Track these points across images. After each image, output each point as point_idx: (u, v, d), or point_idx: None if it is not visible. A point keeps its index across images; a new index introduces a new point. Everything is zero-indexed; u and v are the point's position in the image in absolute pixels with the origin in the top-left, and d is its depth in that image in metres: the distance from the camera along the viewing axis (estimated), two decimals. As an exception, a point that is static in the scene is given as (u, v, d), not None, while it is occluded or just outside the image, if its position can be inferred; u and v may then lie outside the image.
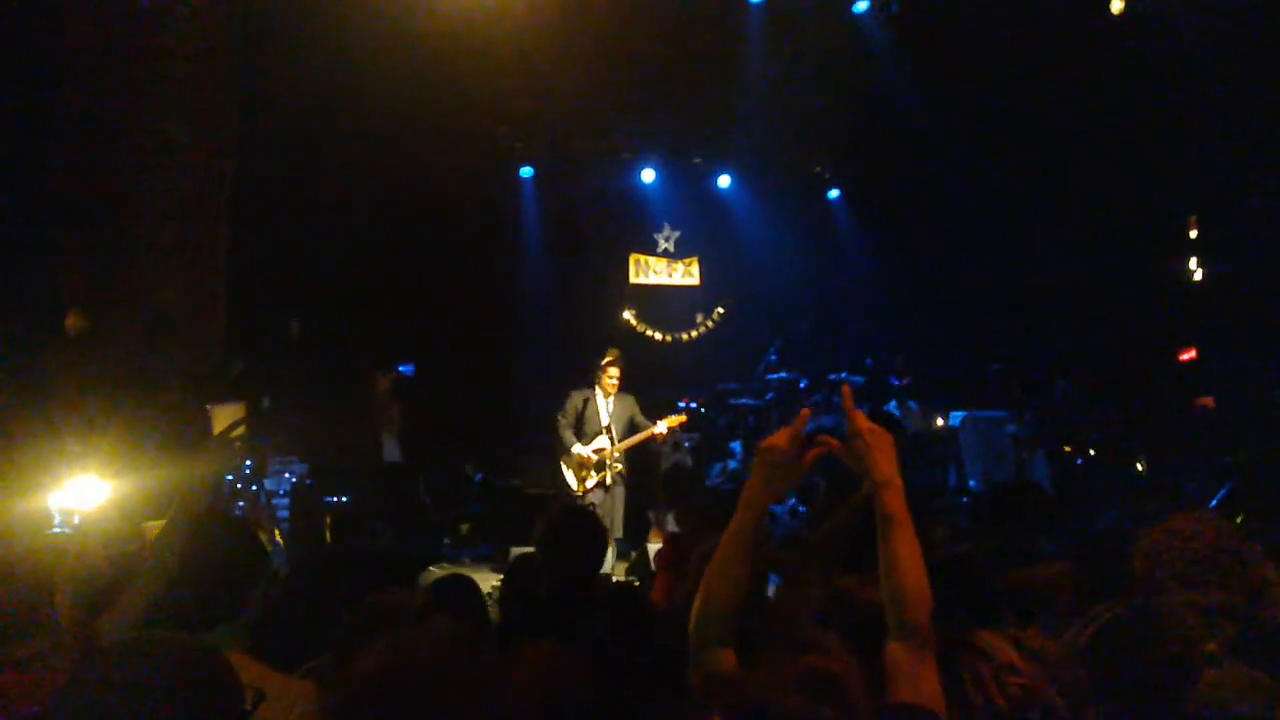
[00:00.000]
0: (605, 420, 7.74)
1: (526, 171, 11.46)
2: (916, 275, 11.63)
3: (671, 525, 8.57)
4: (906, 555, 1.82)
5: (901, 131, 11.13)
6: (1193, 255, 10.57)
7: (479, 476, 9.45)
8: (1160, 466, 8.91)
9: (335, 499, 8.13)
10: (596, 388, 7.81)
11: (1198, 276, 10.52)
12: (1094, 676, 1.36)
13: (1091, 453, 9.33)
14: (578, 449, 7.64)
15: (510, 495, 9.01)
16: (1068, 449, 9.17)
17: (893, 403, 10.51)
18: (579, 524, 3.53)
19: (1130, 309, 10.47)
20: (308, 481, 8.11)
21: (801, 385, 10.68)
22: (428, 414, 9.66)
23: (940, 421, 10.58)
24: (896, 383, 10.61)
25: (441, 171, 10.33)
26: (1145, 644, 1.29)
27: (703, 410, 10.58)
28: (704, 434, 10.43)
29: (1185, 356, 10.35)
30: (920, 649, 1.77)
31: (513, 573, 3.98)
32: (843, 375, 10.87)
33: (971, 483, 9.67)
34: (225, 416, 5.29)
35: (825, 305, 12.03)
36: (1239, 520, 4.67)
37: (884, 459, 1.92)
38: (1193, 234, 10.64)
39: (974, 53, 10.06)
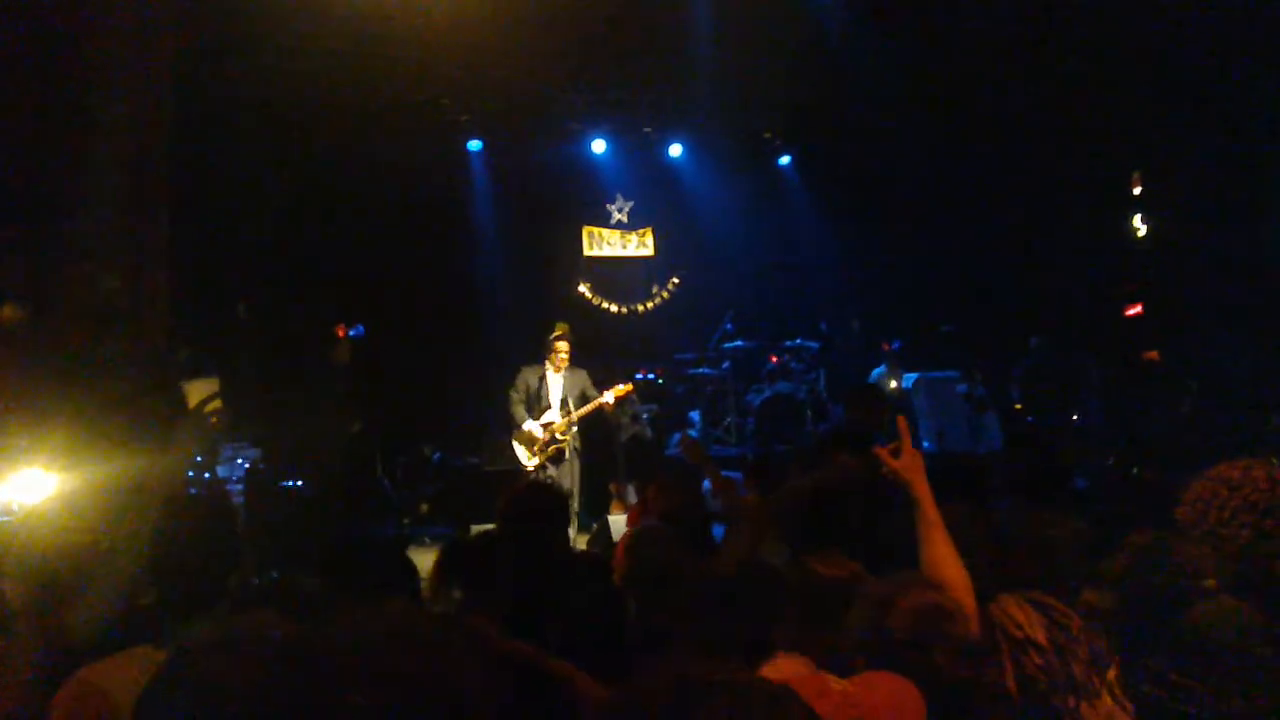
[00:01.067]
0: (558, 395, 7.74)
1: (475, 145, 11.31)
2: (868, 238, 11.71)
3: (632, 497, 8.64)
4: (945, 554, 2.14)
5: (850, 94, 11.14)
6: (1137, 212, 10.75)
7: (437, 456, 9.38)
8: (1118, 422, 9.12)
9: (292, 483, 8.05)
10: (547, 363, 7.80)
11: (1141, 232, 10.71)
12: (1121, 599, 1.46)
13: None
14: (529, 425, 7.62)
15: (469, 474, 8.98)
16: (1018, 406, 9.34)
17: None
18: (543, 497, 3.53)
19: (1078, 266, 10.64)
20: (261, 466, 8.01)
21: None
22: (383, 393, 9.56)
23: (894, 384, 10.71)
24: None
25: (388, 147, 10.16)
26: (1150, 574, 1.38)
27: (660, 381, 10.61)
28: (662, 404, 10.46)
29: (1131, 312, 10.55)
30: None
31: (478, 549, 3.97)
32: (798, 341, 10.97)
33: (926, 444, 9.82)
34: (198, 392, 5.18)
35: (779, 271, 12.08)
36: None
37: (919, 477, 2.26)
38: (1136, 190, 10.81)
39: (919, 16, 10.08)
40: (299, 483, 8.00)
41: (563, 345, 7.77)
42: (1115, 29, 9.77)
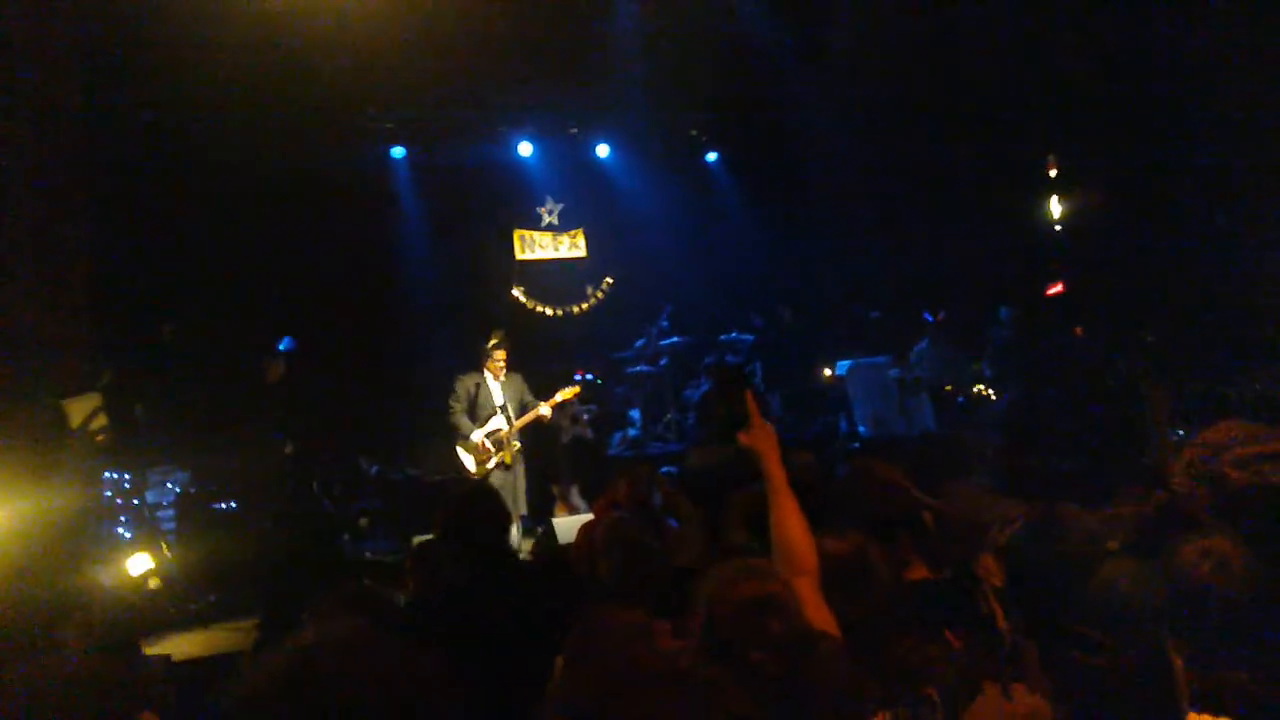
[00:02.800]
0: (499, 401, 7.70)
1: (398, 152, 11.17)
2: (796, 230, 11.86)
3: (575, 498, 8.63)
4: (794, 515, 2.29)
5: (773, 90, 11.28)
6: (1053, 193, 11.07)
7: (374, 469, 9.24)
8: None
9: (224, 505, 7.86)
10: (485, 370, 7.76)
11: (1058, 213, 11.04)
12: (1011, 568, 1.52)
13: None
14: (476, 435, 7.57)
15: (409, 485, 8.87)
16: (948, 388, 9.55)
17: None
18: (479, 503, 3.51)
19: (999, 248, 10.92)
20: (191, 489, 7.81)
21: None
22: (316, 409, 9.39)
23: (828, 372, 10.87)
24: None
25: (311, 157, 10.00)
26: (1055, 541, 1.46)
27: (599, 381, 10.61)
28: (602, 404, 10.47)
29: (1052, 290, 10.86)
30: (815, 585, 2.17)
31: (416, 560, 3.94)
32: (733, 335, 11.07)
33: (861, 428, 9.99)
34: (80, 410, 5.02)
35: (712, 265, 12.17)
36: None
37: (769, 449, 2.42)
38: (1052, 173, 11.13)
39: (839, 11, 10.26)
40: (232, 505, 7.82)
41: (500, 354, 7.75)
42: (1032, 18, 10.05)
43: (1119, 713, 1.30)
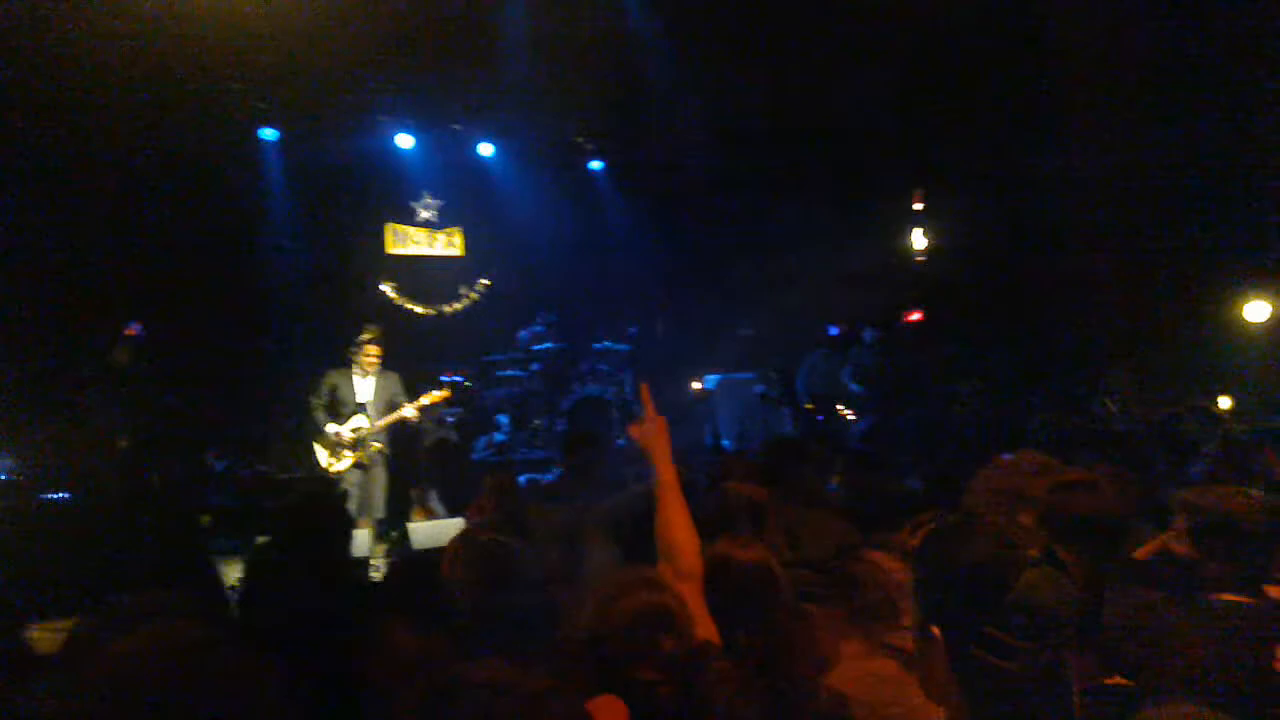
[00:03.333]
0: (362, 399, 7.48)
1: (269, 134, 10.71)
2: (675, 244, 12.00)
3: (435, 503, 8.44)
4: (680, 514, 2.22)
5: (658, 104, 11.38)
6: (916, 226, 11.56)
7: (222, 464, 8.82)
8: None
9: (55, 495, 7.34)
10: (354, 365, 7.53)
11: (920, 245, 11.54)
12: (922, 573, 1.55)
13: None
14: (332, 429, 7.32)
15: (258, 483, 8.49)
16: (809, 406, 9.83)
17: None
18: (317, 504, 3.36)
19: (866, 275, 11.31)
20: (18, 475, 7.27)
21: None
22: (162, 399, 8.90)
23: (697, 385, 11.04)
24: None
25: (172, 134, 9.47)
26: (975, 546, 1.49)
27: (468, 384, 10.43)
28: (469, 408, 10.29)
29: (912, 318, 11.33)
30: (699, 591, 2.12)
31: (254, 562, 3.77)
32: (606, 344, 11.09)
33: (725, 441, 10.18)
34: None
35: (590, 274, 12.17)
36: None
37: (658, 443, 2.34)
38: (917, 206, 11.63)
39: (725, 30, 10.43)
40: (64, 495, 7.31)
41: (373, 349, 7.52)
42: (899, 50, 10.48)
43: (1022, 715, 1.37)
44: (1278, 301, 9.48)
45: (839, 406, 9.96)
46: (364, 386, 7.52)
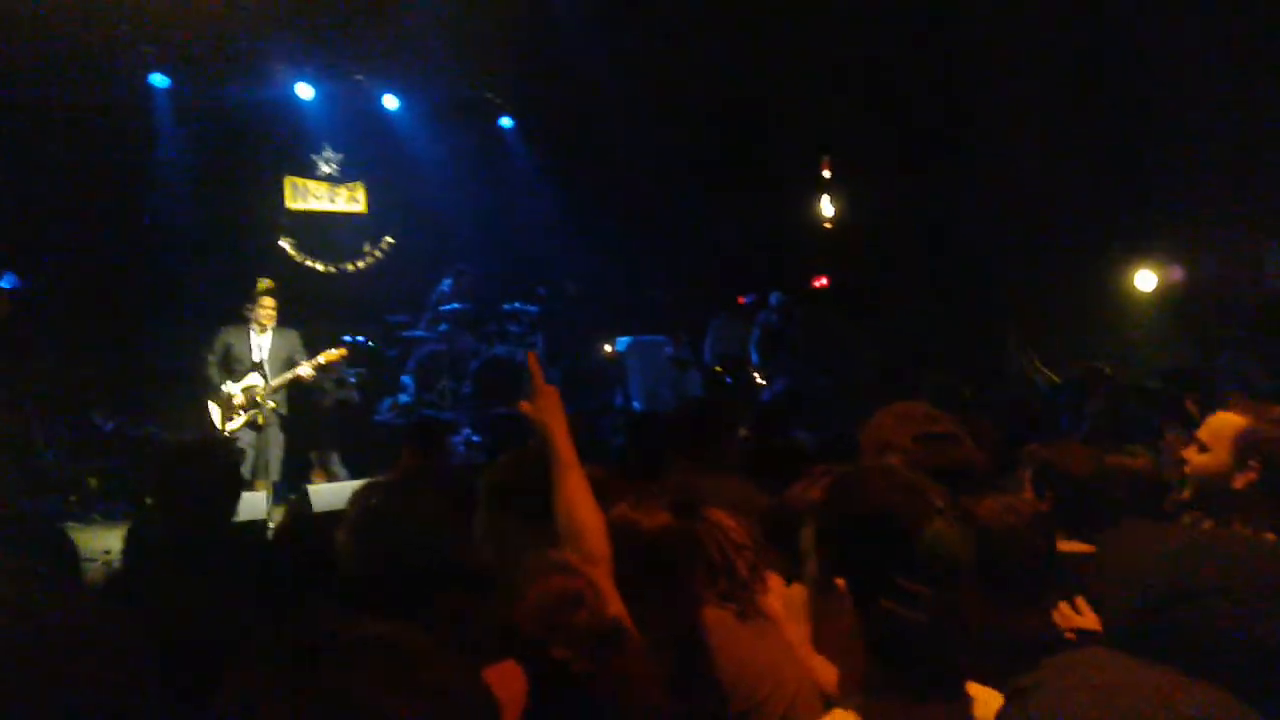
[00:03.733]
0: (258, 356, 7.22)
1: (160, 80, 10.13)
2: (585, 203, 11.87)
3: (336, 465, 8.24)
4: (584, 495, 2.06)
5: (570, 61, 11.17)
6: (824, 193, 11.68)
7: (109, 424, 8.42)
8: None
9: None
10: (250, 322, 7.25)
11: (828, 212, 11.67)
12: (825, 525, 1.50)
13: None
14: (227, 387, 7.05)
15: (148, 443, 8.14)
16: (718, 369, 9.90)
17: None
18: (195, 463, 3.19)
19: (773, 241, 11.42)
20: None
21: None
22: (45, 355, 8.42)
23: (609, 348, 11.00)
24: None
25: (53, 78, 8.88)
26: (883, 495, 1.45)
27: (370, 344, 10.17)
28: (372, 368, 10.03)
29: (818, 284, 11.49)
30: (609, 576, 1.96)
31: (133, 529, 3.60)
32: (516, 305, 10.93)
33: (636, 403, 10.18)
34: None
35: (499, 233, 11.95)
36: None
37: (554, 418, 2.14)
38: (825, 174, 11.75)
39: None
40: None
41: (268, 301, 7.28)
42: (812, 22, 10.51)
43: (925, 664, 1.36)
44: (1163, 271, 9.92)
45: (748, 370, 10.06)
46: (260, 343, 7.26)
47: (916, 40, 10.52)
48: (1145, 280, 10.00)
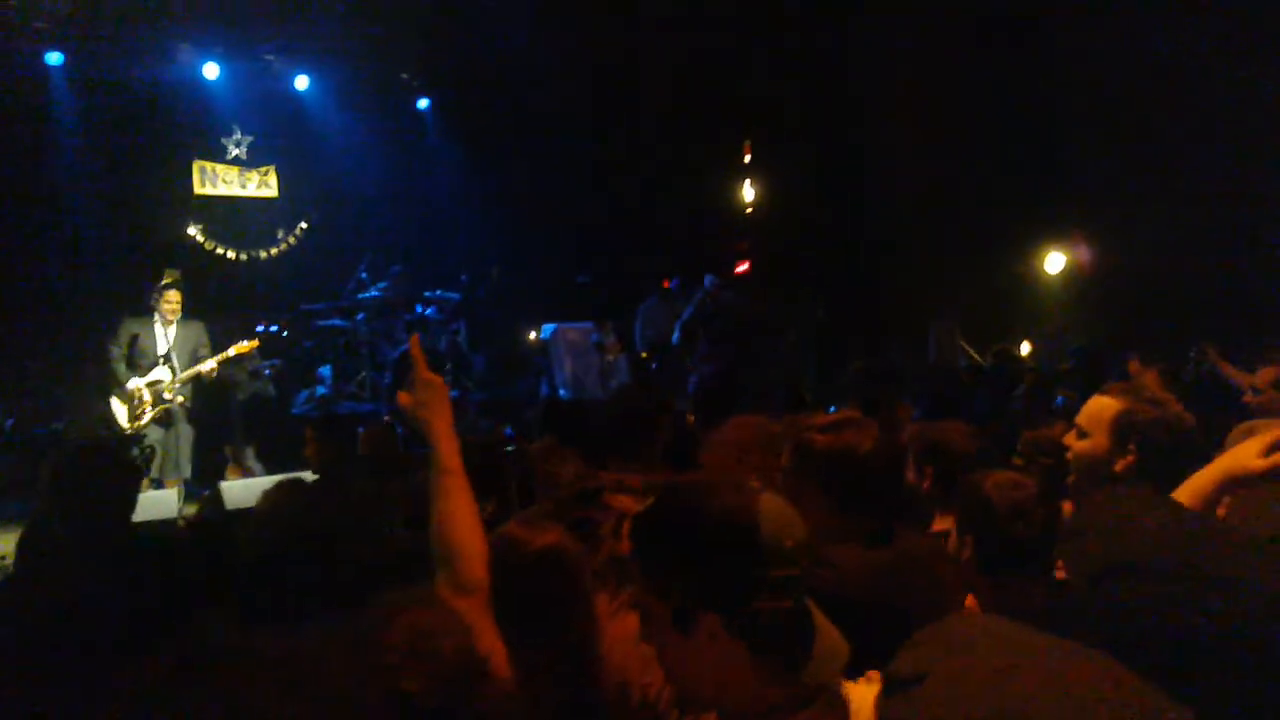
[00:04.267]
0: (163, 349, 6.94)
1: (55, 58, 9.63)
2: (508, 188, 11.70)
3: (251, 460, 8.00)
4: (465, 511, 1.79)
5: (490, 41, 10.98)
6: (745, 178, 11.72)
7: (9, 421, 8.03)
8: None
9: None
10: (155, 314, 6.98)
11: (749, 196, 11.72)
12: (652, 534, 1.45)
13: None
14: (132, 383, 6.77)
15: (50, 442, 7.78)
16: (644, 355, 9.88)
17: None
18: (93, 461, 3.04)
19: (698, 228, 11.42)
20: None
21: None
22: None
23: (534, 335, 10.88)
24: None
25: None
26: (714, 497, 1.42)
27: (285, 334, 9.87)
28: (287, 360, 9.75)
29: (739, 269, 11.54)
30: (484, 606, 1.75)
31: (32, 527, 3.43)
32: (438, 292, 10.73)
33: (562, 391, 10.10)
34: None
35: (419, 219, 11.70)
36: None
37: (437, 415, 1.84)
38: (746, 158, 11.78)
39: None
40: None
41: (173, 294, 7.01)
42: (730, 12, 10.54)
43: (791, 654, 1.34)
44: (1072, 253, 10.23)
45: (677, 356, 10.05)
46: (166, 336, 6.99)
47: (835, 23, 10.63)
48: (1054, 263, 10.31)
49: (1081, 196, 9.74)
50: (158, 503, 5.48)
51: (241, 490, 5.39)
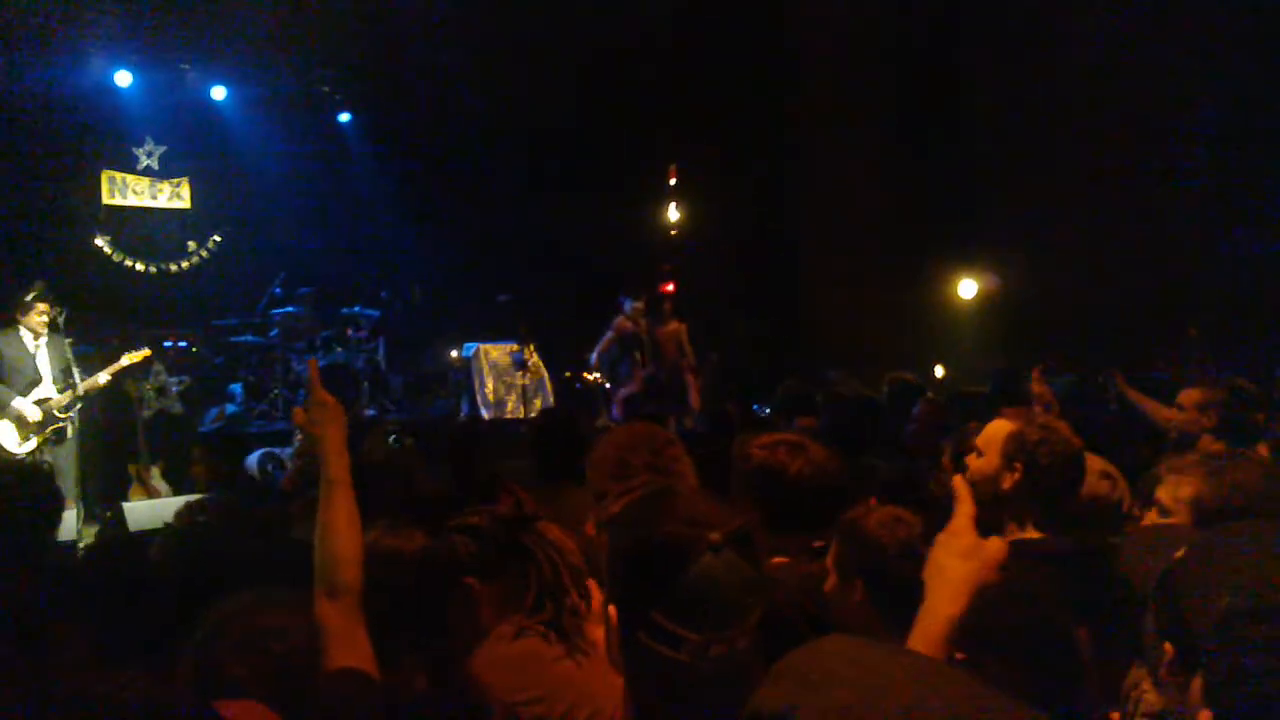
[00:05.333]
0: (41, 364, 6.62)
1: (-48, 61, 9.25)
2: (430, 204, 11.60)
3: (156, 480, 7.72)
4: (346, 518, 1.89)
5: (414, 59, 10.91)
6: (671, 200, 11.84)
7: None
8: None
9: None
10: (22, 328, 6.60)
11: (674, 218, 11.83)
12: (610, 546, 1.39)
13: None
14: (18, 403, 6.43)
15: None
16: (568, 374, 9.86)
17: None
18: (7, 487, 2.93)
19: (618, 250, 11.48)
20: None
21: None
22: None
23: (455, 353, 10.77)
24: None
25: None
26: (660, 522, 1.32)
27: (194, 349, 9.58)
28: (196, 376, 9.45)
29: (667, 289, 11.62)
30: (354, 609, 1.82)
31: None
32: (356, 309, 10.55)
33: (482, 410, 10.02)
34: None
35: (338, 234, 11.51)
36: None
37: (328, 430, 1.97)
38: (672, 181, 11.90)
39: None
40: None
41: (42, 306, 6.60)
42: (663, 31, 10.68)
43: (693, 709, 1.24)
44: (983, 280, 10.58)
45: (595, 375, 10.04)
46: (44, 351, 6.65)
47: (754, 48, 10.86)
48: (967, 289, 10.64)
49: (992, 226, 10.11)
50: (54, 525, 5.25)
51: (146, 511, 5.20)
